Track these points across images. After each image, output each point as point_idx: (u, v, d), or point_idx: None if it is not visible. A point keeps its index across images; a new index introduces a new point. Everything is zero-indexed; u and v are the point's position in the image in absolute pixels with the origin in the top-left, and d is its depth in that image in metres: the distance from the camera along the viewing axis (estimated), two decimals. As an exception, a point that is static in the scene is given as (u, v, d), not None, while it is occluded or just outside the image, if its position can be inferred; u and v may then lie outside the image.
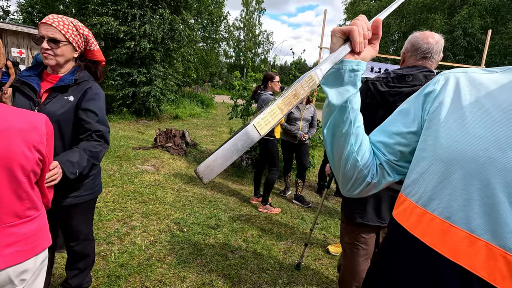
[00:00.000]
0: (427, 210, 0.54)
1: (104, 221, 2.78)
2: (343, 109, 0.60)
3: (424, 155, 0.58)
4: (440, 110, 0.58)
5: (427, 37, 1.49)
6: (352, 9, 27.80)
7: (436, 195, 0.53)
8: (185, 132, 5.93)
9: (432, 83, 0.63)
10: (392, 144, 0.65)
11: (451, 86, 0.59)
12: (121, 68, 8.22)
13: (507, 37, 15.70)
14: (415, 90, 1.46)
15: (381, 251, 0.68)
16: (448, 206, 0.51)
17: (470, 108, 0.54)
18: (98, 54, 1.54)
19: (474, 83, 0.57)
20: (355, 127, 0.62)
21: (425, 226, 0.54)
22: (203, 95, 14.40)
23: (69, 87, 1.40)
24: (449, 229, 0.50)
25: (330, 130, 0.64)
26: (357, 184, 0.67)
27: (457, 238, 0.49)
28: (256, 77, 5.17)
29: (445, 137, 0.54)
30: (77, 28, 1.41)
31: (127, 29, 7.92)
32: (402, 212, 0.60)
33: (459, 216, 0.49)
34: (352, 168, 0.64)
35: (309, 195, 4.30)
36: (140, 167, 4.45)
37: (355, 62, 0.58)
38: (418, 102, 0.64)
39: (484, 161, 0.48)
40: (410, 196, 0.59)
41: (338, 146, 0.64)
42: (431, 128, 0.58)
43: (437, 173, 0.54)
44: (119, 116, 8.39)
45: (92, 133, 1.41)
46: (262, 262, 2.47)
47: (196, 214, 3.19)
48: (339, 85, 0.59)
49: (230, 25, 23.03)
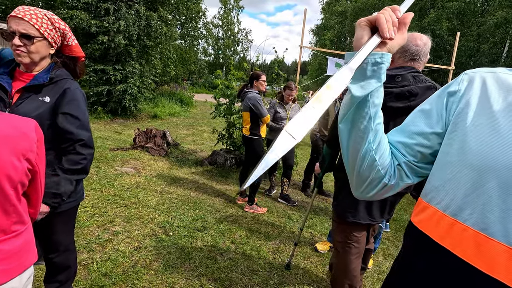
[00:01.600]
0: (458, 220, 0.51)
1: (83, 227, 2.63)
2: (363, 102, 0.56)
3: (450, 160, 0.55)
4: (467, 113, 0.55)
5: (416, 38, 1.52)
6: (328, 9, 28.38)
7: (468, 204, 0.50)
8: (166, 131, 5.76)
9: (455, 82, 0.60)
10: (413, 144, 0.62)
11: (477, 87, 0.56)
12: (95, 64, 7.82)
13: (472, 39, 16.72)
14: (404, 90, 1.50)
15: (403, 262, 0.65)
16: (483, 216, 0.48)
17: (502, 112, 0.51)
18: (77, 50, 1.42)
19: (503, 84, 0.54)
20: (375, 124, 0.58)
21: (456, 237, 0.51)
22: (182, 93, 14.08)
23: (43, 86, 1.28)
24: (486, 242, 0.48)
25: (348, 124, 0.59)
26: (373, 185, 0.63)
27: (495, 252, 0.46)
28: (238, 76, 5.11)
29: (476, 142, 0.51)
30: (53, 21, 1.28)
31: (100, 23, 7.54)
32: (427, 220, 0.57)
33: (497, 228, 0.47)
34: (369, 167, 0.61)
35: (294, 194, 4.33)
36: (120, 169, 4.27)
37: (378, 54, 0.54)
38: (441, 101, 0.61)
39: None
40: (434, 203, 0.56)
41: (355, 143, 0.60)
42: (456, 131, 0.55)
43: (468, 181, 0.51)
44: (93, 116, 7.99)
45: (74, 144, 1.32)
46: (252, 263, 2.44)
47: (181, 216, 3.10)
48: (362, 79, 0.55)
49: (208, 22, 22.66)
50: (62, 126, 1.29)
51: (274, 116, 3.80)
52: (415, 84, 1.48)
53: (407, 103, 1.48)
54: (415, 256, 0.60)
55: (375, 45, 0.53)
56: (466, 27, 17.32)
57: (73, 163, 1.32)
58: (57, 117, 1.29)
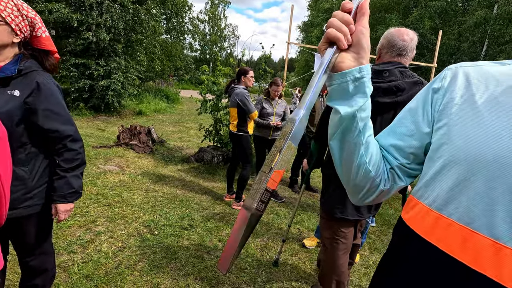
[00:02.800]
0: (443, 214, 0.51)
1: (63, 228, 2.52)
2: (351, 119, 0.55)
3: (437, 155, 0.54)
4: (451, 108, 0.54)
5: (402, 34, 1.52)
6: (315, 6, 28.48)
7: (453, 198, 0.50)
8: (151, 128, 5.63)
9: (439, 79, 0.60)
10: (405, 147, 0.61)
11: (460, 81, 0.56)
12: (75, 58, 7.53)
13: (453, 37, 17.21)
14: (391, 85, 1.49)
15: (390, 258, 0.64)
16: (468, 211, 0.48)
17: (486, 105, 0.50)
18: (48, 43, 1.30)
19: (486, 77, 0.53)
20: (365, 137, 0.57)
21: (442, 231, 0.50)
22: (168, 90, 13.82)
23: (12, 79, 1.18)
24: (471, 236, 0.47)
25: (338, 141, 0.59)
26: (370, 193, 0.63)
27: (480, 246, 0.46)
28: (225, 72, 5.04)
29: (460, 136, 0.51)
30: (19, 8, 1.17)
31: (82, 17, 7.26)
32: (415, 217, 0.57)
33: (482, 222, 0.46)
34: (364, 178, 0.60)
35: (282, 190, 4.33)
36: (103, 167, 4.13)
37: (356, 70, 0.52)
38: (426, 99, 0.60)
39: (507, 162, 0.45)
40: (422, 200, 0.56)
41: (348, 157, 0.59)
42: (442, 127, 0.55)
43: (452, 175, 0.50)
44: (75, 112, 7.72)
45: (63, 142, 1.30)
46: (239, 261, 2.41)
47: (167, 215, 3.03)
48: (347, 98, 0.54)
49: (194, 17, 22.29)
50: (44, 125, 1.24)
51: (260, 112, 3.77)
52: (402, 79, 1.48)
53: (394, 98, 1.48)
54: (402, 251, 0.60)
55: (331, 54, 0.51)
56: (448, 26, 17.82)
57: (70, 161, 1.33)
58: (35, 115, 1.22)
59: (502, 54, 14.73)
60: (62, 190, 1.32)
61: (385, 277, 0.64)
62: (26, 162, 1.26)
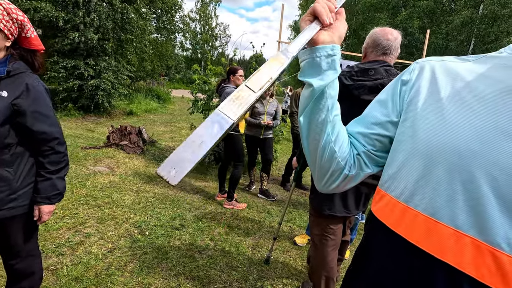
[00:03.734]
0: (410, 206, 0.52)
1: (52, 230, 2.49)
2: (321, 94, 0.57)
3: (402, 147, 0.56)
4: (417, 101, 0.56)
5: (387, 33, 1.55)
6: (306, 5, 28.60)
7: (418, 190, 0.51)
8: (141, 128, 5.58)
9: (407, 71, 0.62)
10: (371, 134, 0.63)
11: (427, 75, 0.58)
12: (64, 60, 7.39)
13: (441, 36, 17.52)
14: (377, 83, 1.52)
15: (362, 250, 0.65)
16: (431, 201, 0.49)
17: (448, 99, 0.52)
18: (36, 42, 1.32)
19: (450, 72, 0.55)
20: (332, 115, 0.59)
21: (409, 223, 0.52)
22: (159, 89, 13.69)
23: (0, 80, 1.19)
24: (435, 226, 0.48)
25: (306, 117, 0.60)
26: (334, 177, 0.64)
27: (443, 235, 0.47)
28: (216, 71, 5.03)
29: (424, 129, 0.53)
30: (9, 12, 1.18)
31: (68, 16, 7.13)
32: (383, 208, 0.58)
33: (444, 212, 0.48)
34: (329, 159, 0.61)
35: (274, 189, 4.35)
36: (92, 168, 4.08)
37: (329, 47, 0.55)
38: (395, 90, 0.62)
39: (466, 154, 0.47)
40: (389, 191, 0.57)
41: (315, 135, 0.61)
42: (407, 119, 0.57)
43: (418, 167, 0.52)
44: (63, 113, 7.59)
45: (50, 144, 1.31)
46: (231, 260, 2.42)
47: (158, 215, 3.02)
48: (319, 73, 0.56)
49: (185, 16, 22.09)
50: (33, 127, 1.25)
51: (252, 111, 3.78)
52: (387, 77, 1.51)
53: None
54: (372, 244, 0.61)
55: (314, 31, 0.55)
56: (436, 25, 18.13)
57: (57, 163, 1.34)
58: (23, 117, 1.23)
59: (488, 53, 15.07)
60: (47, 191, 1.32)
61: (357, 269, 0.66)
62: (11, 163, 1.25)
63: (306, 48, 0.57)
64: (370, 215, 0.63)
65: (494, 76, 0.50)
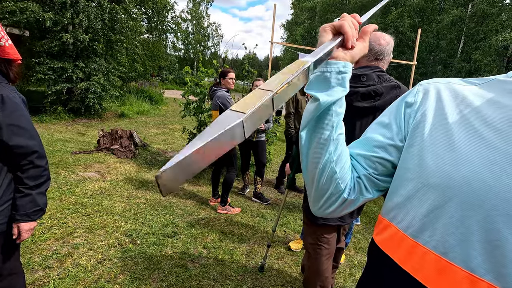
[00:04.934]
0: (419, 242, 0.49)
1: (38, 242, 2.41)
2: (326, 111, 0.54)
3: (409, 176, 0.52)
4: (424, 126, 0.53)
5: (379, 38, 1.53)
6: (298, 5, 28.63)
7: (428, 225, 0.48)
8: (132, 132, 5.48)
9: (412, 93, 0.58)
10: (373, 157, 0.59)
11: (432, 98, 0.55)
12: (52, 62, 7.22)
13: (431, 35, 17.72)
14: (369, 89, 1.49)
15: (367, 283, 0.62)
16: (443, 239, 0.46)
17: (456, 125, 0.49)
18: (11, 51, 1.25)
19: (457, 96, 0.52)
20: (336, 134, 0.56)
21: (418, 260, 0.48)
22: (151, 90, 13.53)
23: None
24: (446, 267, 0.45)
25: (309, 133, 0.57)
26: (332, 200, 0.59)
27: (455, 278, 0.44)
28: (208, 73, 4.97)
29: (432, 158, 0.49)
30: None
31: (56, 17, 6.96)
32: (389, 240, 0.54)
33: (457, 253, 0.44)
34: (328, 180, 0.57)
35: (268, 191, 4.32)
36: (82, 174, 3.98)
37: (341, 64, 0.52)
38: (399, 112, 0.59)
39: (479, 188, 0.43)
40: (395, 222, 0.53)
41: (316, 152, 0.57)
42: (414, 145, 0.53)
43: (427, 200, 0.48)
44: (53, 116, 7.42)
45: (29, 158, 1.24)
46: (224, 268, 2.38)
47: (150, 223, 2.95)
48: (327, 88, 0.53)
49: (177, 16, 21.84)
50: (10, 141, 1.19)
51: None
52: (380, 83, 1.48)
53: (372, 102, 1.48)
54: (378, 278, 0.58)
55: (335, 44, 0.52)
56: (426, 23, 18.31)
57: (36, 177, 1.28)
58: None
59: (478, 51, 15.28)
60: (26, 208, 1.26)
61: None
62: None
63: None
64: (373, 247, 0.59)
65: (503, 102, 0.47)
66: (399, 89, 1.48)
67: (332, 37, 0.53)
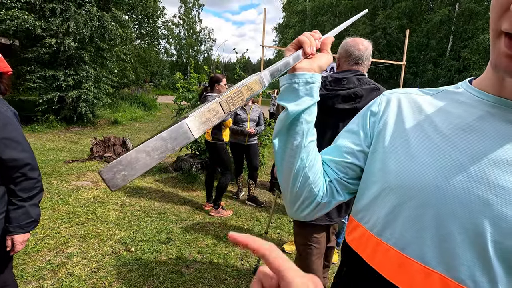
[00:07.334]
0: (382, 240, 0.52)
1: (31, 253, 2.40)
2: (297, 119, 0.58)
3: (374, 179, 0.56)
4: (385, 133, 0.57)
5: (358, 44, 1.59)
6: (289, 8, 28.88)
7: (389, 224, 0.52)
8: (125, 139, 5.48)
9: (376, 103, 0.63)
10: (343, 162, 0.63)
11: (393, 107, 0.59)
12: (42, 70, 7.19)
13: (421, 35, 18.01)
14: (350, 92, 1.54)
15: (339, 281, 0.65)
16: (401, 236, 0.50)
17: (413, 132, 0.53)
18: (1, 64, 1.27)
19: (414, 105, 0.57)
20: (307, 141, 0.59)
21: (382, 257, 0.52)
22: (144, 96, 13.51)
23: None
24: (405, 261, 0.49)
25: (282, 140, 0.60)
26: (306, 204, 0.63)
27: (413, 271, 0.48)
28: (200, 79, 5.00)
29: (393, 163, 0.53)
30: None
31: (46, 25, 6.95)
32: (358, 240, 0.58)
33: (413, 248, 0.48)
34: (302, 186, 0.61)
35: (262, 194, 4.34)
36: (75, 183, 3.97)
37: (309, 75, 0.57)
38: (365, 120, 0.63)
39: (432, 190, 0.47)
40: (363, 223, 0.57)
41: (289, 160, 0.60)
42: (377, 151, 0.57)
43: (388, 201, 0.52)
44: (45, 125, 7.38)
45: (22, 170, 1.26)
46: (219, 272, 2.40)
47: (144, 229, 2.96)
48: (296, 98, 0.57)
49: (168, 21, 21.91)
50: (3, 155, 1.21)
51: (234, 118, 3.77)
52: (360, 86, 1.53)
53: (353, 104, 1.53)
54: (349, 276, 0.61)
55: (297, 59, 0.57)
56: (416, 23, 18.61)
57: (29, 189, 1.30)
58: None
59: (466, 49, 15.57)
60: (19, 220, 1.27)
61: None
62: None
63: (286, 74, 0.59)
64: (346, 246, 0.63)
65: (451, 111, 0.52)
66: (378, 91, 1.53)
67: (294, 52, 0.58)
